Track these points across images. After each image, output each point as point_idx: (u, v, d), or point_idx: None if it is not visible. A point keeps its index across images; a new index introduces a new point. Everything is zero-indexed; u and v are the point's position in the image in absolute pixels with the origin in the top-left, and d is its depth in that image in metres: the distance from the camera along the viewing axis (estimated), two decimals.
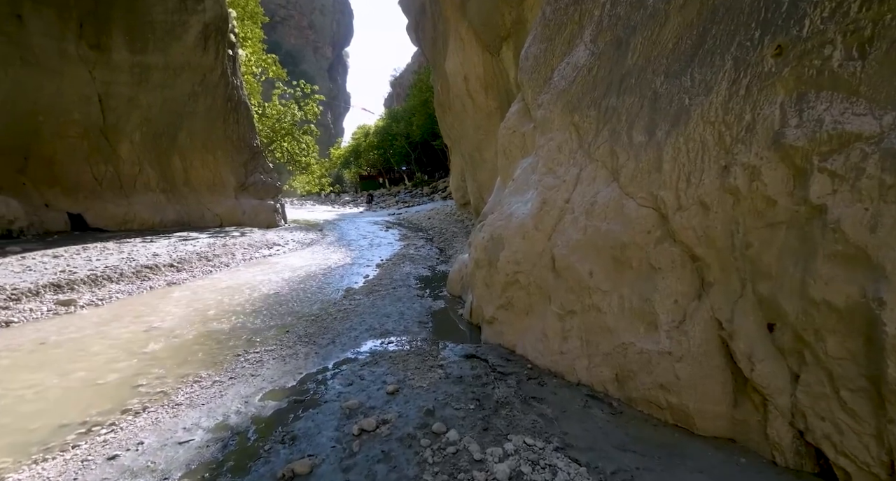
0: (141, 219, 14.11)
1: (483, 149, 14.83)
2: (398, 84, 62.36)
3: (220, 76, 16.76)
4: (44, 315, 5.68)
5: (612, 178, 3.27)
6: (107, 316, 5.77)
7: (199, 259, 9.44)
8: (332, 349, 4.37)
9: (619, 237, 3.05)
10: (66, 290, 6.49)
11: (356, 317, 5.49)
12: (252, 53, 22.81)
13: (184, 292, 7.14)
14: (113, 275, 7.32)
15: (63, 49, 12.39)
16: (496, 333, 4.44)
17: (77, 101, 12.88)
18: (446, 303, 6.23)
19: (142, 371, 3.96)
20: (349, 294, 6.87)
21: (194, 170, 16.48)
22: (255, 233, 14.44)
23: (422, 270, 8.86)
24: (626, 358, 2.95)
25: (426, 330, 5.01)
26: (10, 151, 11.64)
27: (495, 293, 4.58)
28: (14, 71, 11.37)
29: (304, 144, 25.25)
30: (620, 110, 3.26)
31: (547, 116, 4.35)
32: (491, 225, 5.17)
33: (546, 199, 4.04)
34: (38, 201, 12.05)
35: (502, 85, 12.94)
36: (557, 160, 4.09)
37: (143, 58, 14.19)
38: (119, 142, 14.10)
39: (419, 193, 36.20)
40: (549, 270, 3.78)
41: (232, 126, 17.82)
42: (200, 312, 5.94)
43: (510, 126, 6.05)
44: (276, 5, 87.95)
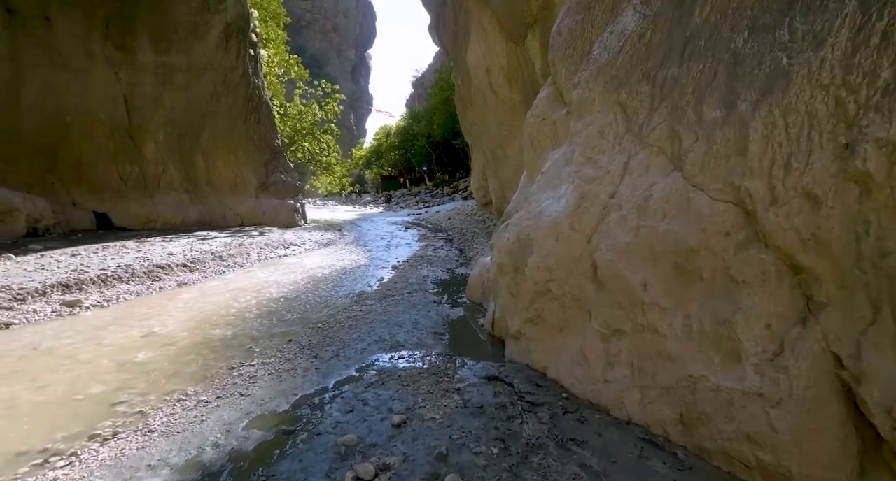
0: (164, 219, 14.07)
1: (506, 146, 14.21)
2: (420, 85, 62.27)
3: (241, 76, 16.67)
4: (47, 316, 5.40)
5: (673, 166, 2.63)
6: (109, 318, 5.44)
7: (214, 259, 9.15)
8: (336, 364, 3.86)
9: (683, 240, 2.42)
10: (74, 290, 6.23)
11: (366, 325, 4.98)
12: (275, 54, 22.80)
13: (192, 293, 6.80)
14: (124, 275, 7.05)
15: (89, 50, 12.43)
16: (523, 351, 3.84)
17: (103, 102, 12.92)
18: (465, 311, 5.66)
19: (126, 384, 3.54)
20: (361, 298, 6.38)
21: (216, 169, 16.42)
22: (273, 233, 14.21)
23: (440, 273, 8.31)
24: (694, 395, 2.31)
25: (442, 343, 4.45)
26: (40, 151, 11.72)
27: (522, 304, 3.98)
28: (42, 72, 11.43)
29: (324, 144, 25.10)
30: (684, 81, 2.62)
31: (585, 97, 3.72)
32: (517, 225, 4.57)
33: (585, 194, 3.42)
34: (65, 200, 12.10)
35: (527, 76, 12.31)
36: (599, 147, 3.46)
37: (166, 58, 14.17)
38: (144, 142, 14.10)
39: (440, 193, 35.75)
40: (590, 279, 3.16)
41: (253, 126, 17.73)
42: (204, 316, 5.55)
43: (539, 113, 5.43)
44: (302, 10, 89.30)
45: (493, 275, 5.06)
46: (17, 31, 10.72)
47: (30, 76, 11.10)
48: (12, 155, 10.88)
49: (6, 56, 10.56)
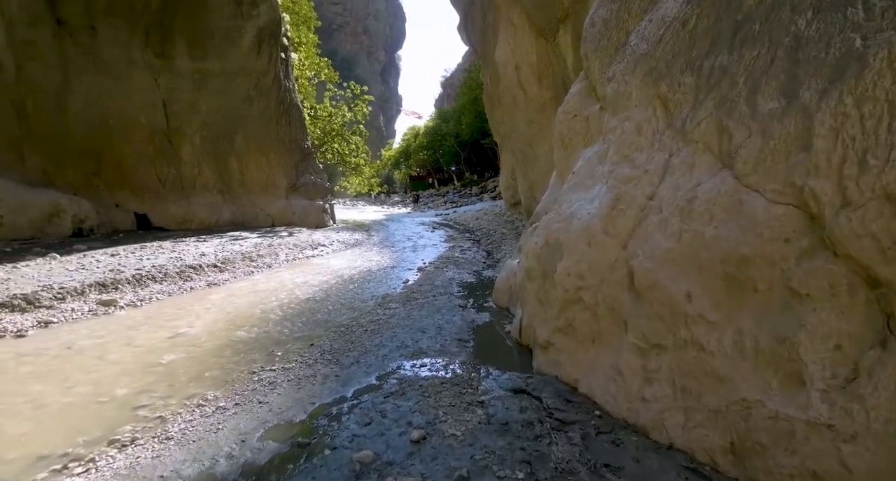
0: (199, 219, 14.49)
1: (535, 145, 13.91)
2: (448, 84, 62.24)
3: (272, 80, 17.00)
4: (83, 315, 5.55)
5: (721, 165, 2.37)
6: (140, 318, 5.55)
7: (243, 259, 9.30)
8: (356, 371, 3.75)
9: (734, 247, 2.16)
10: (111, 290, 6.41)
11: (388, 330, 4.86)
12: (305, 57, 23.18)
13: (220, 294, 6.89)
14: (157, 275, 7.22)
15: (131, 57, 12.94)
16: (552, 362, 3.62)
17: (143, 107, 13.42)
18: (491, 317, 5.46)
19: (150, 387, 3.54)
20: (385, 301, 6.28)
21: (249, 171, 16.81)
22: (302, 234, 14.39)
23: (466, 276, 8.14)
24: (748, 422, 2.05)
25: (466, 350, 4.28)
26: (86, 155, 12.28)
27: (551, 312, 3.76)
28: (88, 79, 11.97)
29: (353, 145, 25.35)
30: (735, 70, 2.35)
31: (621, 91, 3.47)
32: (546, 227, 4.34)
33: (620, 195, 3.18)
34: (108, 202, 12.63)
35: (558, 72, 11.98)
36: (636, 145, 3.21)
37: (202, 64, 14.60)
38: (181, 145, 14.57)
39: (468, 193, 35.55)
40: (625, 288, 2.93)
41: (284, 128, 18.06)
42: (230, 317, 5.59)
43: (570, 110, 5.18)
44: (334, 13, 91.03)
45: (520, 280, 4.85)
46: (65, 41, 11.27)
47: (77, 84, 11.65)
48: (61, 159, 11.44)
49: (56, 65, 11.11)
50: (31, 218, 9.29)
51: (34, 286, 5.70)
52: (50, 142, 11.08)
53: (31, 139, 10.61)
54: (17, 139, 10.28)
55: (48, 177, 10.81)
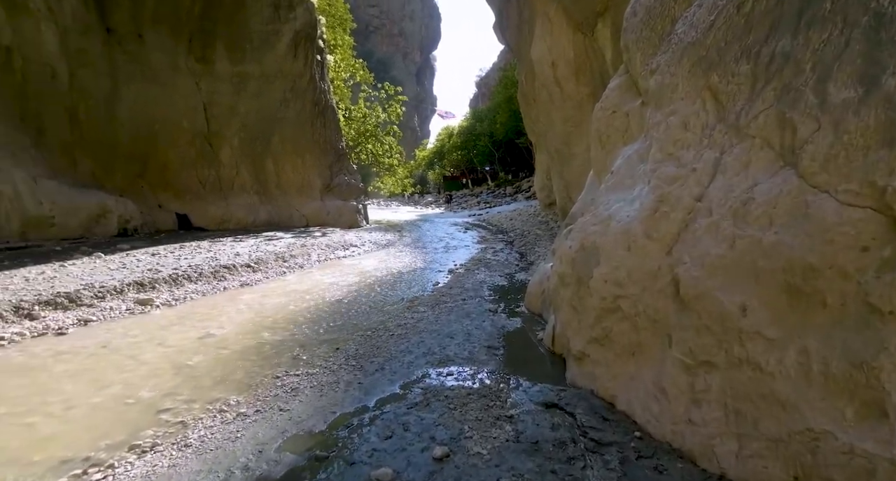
0: (237, 219, 14.93)
1: (572, 143, 13.50)
2: (484, 84, 61.91)
3: (308, 82, 17.32)
4: (121, 314, 5.74)
5: (783, 162, 2.09)
6: (174, 318, 5.67)
7: (276, 259, 9.44)
8: (379, 379, 3.64)
9: (799, 255, 1.89)
10: (148, 289, 6.62)
11: (415, 335, 4.74)
12: (341, 59, 23.53)
13: (252, 294, 6.98)
14: (192, 275, 7.41)
15: (175, 63, 13.47)
16: (587, 375, 3.39)
17: (186, 111, 13.95)
18: (523, 323, 5.25)
19: (175, 390, 3.56)
20: (413, 305, 6.17)
21: (284, 172, 17.19)
22: (335, 234, 14.56)
23: (497, 279, 7.93)
24: (815, 455, 1.78)
25: (496, 358, 4.09)
26: (133, 158, 12.89)
27: (586, 321, 3.52)
28: (136, 85, 12.55)
29: (387, 146, 25.53)
30: (800, 55, 2.07)
31: (665, 83, 3.20)
32: (581, 230, 4.10)
33: (664, 196, 2.92)
34: (152, 203, 13.21)
35: (596, 68, 11.55)
36: (682, 141, 2.94)
37: (241, 68, 15.03)
38: (220, 147, 15.07)
39: (502, 193, 35.15)
40: (669, 298, 2.67)
41: (319, 129, 18.36)
42: (260, 318, 5.63)
43: (608, 105, 4.91)
44: (370, 16, 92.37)
45: (553, 285, 4.62)
46: (114, 49, 11.85)
47: (125, 90, 12.23)
48: (110, 163, 12.05)
49: (106, 72, 11.70)
50: (81, 219, 9.81)
51: (77, 284, 5.95)
52: (99, 147, 11.68)
53: (82, 144, 11.22)
54: (70, 144, 10.89)
55: (97, 180, 11.40)
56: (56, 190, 9.33)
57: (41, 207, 8.89)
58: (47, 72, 10.13)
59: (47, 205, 9.01)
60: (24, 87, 9.76)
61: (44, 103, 10.24)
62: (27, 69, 9.77)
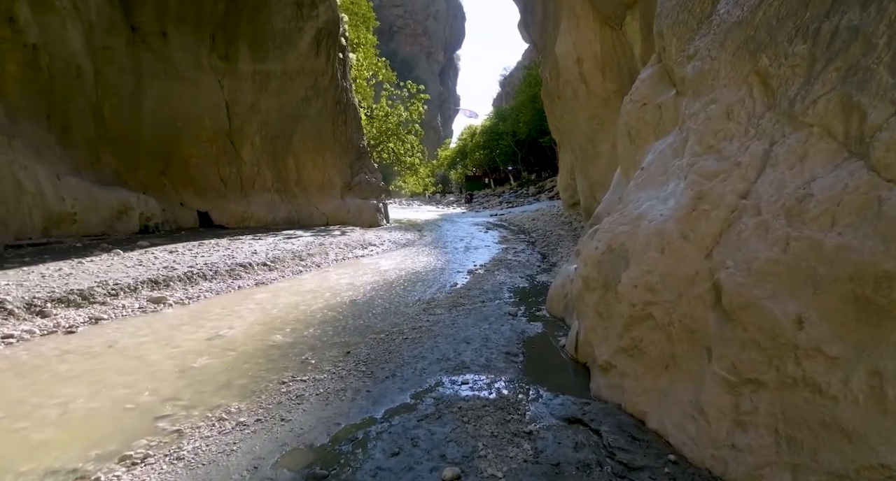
0: (257, 217, 14.99)
1: (597, 142, 13.04)
2: (507, 83, 61.33)
3: (330, 79, 17.28)
4: (133, 312, 5.67)
5: (848, 153, 1.75)
6: (185, 317, 5.56)
7: (293, 258, 9.33)
8: (390, 387, 3.39)
9: (870, 261, 1.55)
10: (162, 287, 6.55)
11: (430, 339, 4.47)
12: (364, 58, 23.48)
13: (266, 294, 6.85)
14: (208, 273, 7.34)
15: (198, 61, 13.58)
16: (614, 388, 3.06)
17: (208, 109, 14.06)
18: (544, 328, 4.93)
19: (177, 394, 3.39)
20: (430, 307, 5.91)
21: (306, 171, 17.21)
22: (354, 233, 14.45)
23: (518, 280, 7.61)
24: None
25: (514, 366, 3.79)
26: (156, 156, 13.04)
27: (614, 329, 3.20)
28: (159, 83, 12.69)
29: (408, 144, 25.38)
30: (870, 30, 1.71)
31: (705, 69, 2.86)
32: (608, 231, 3.76)
33: (703, 193, 2.59)
34: (174, 200, 13.35)
35: (624, 63, 11.08)
36: (724, 132, 2.60)
37: (263, 66, 15.08)
38: (242, 145, 15.15)
39: (524, 193, 34.62)
40: (709, 306, 2.34)
41: (340, 127, 18.32)
42: (271, 319, 5.46)
43: (639, 97, 4.55)
44: (394, 15, 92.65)
45: (577, 288, 4.28)
46: (138, 47, 12.00)
47: (148, 88, 12.38)
48: (133, 160, 12.22)
49: (130, 70, 11.86)
50: (103, 215, 9.93)
51: (91, 282, 5.91)
52: (123, 144, 11.85)
53: (106, 141, 11.39)
54: (95, 141, 11.06)
55: (120, 177, 11.56)
56: (78, 187, 9.46)
57: (63, 204, 9.01)
58: (73, 70, 10.30)
59: (69, 201, 9.13)
60: (51, 85, 9.94)
61: (69, 101, 10.42)
62: (53, 67, 9.94)
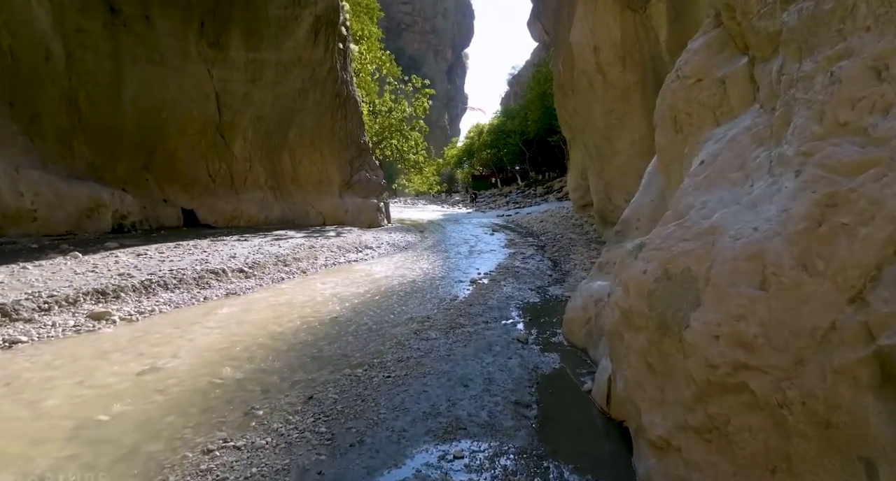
0: (248, 216, 14.05)
1: (614, 138, 11.98)
2: (515, 82, 60.36)
3: (329, 71, 16.30)
4: (64, 332, 4.68)
5: None
6: (125, 340, 4.59)
7: (276, 263, 8.36)
8: (351, 465, 2.37)
9: None
10: (110, 299, 5.59)
11: (417, 379, 3.47)
12: (367, 50, 22.49)
13: (234, 307, 5.87)
14: (171, 282, 6.38)
15: (185, 48, 12.63)
16: (675, 479, 2.04)
17: (196, 99, 13.12)
18: (562, 361, 3.93)
19: (46, 475, 2.41)
20: (424, 327, 4.92)
21: (302, 167, 16.25)
22: (351, 234, 13.47)
23: (527, 293, 6.60)
24: None
25: (527, 426, 2.79)
26: (137, 148, 12.06)
27: (676, 393, 2.18)
28: (141, 69, 11.74)
29: (412, 141, 24.31)
30: None
31: (825, 9, 1.82)
32: (663, 248, 2.71)
33: (836, 197, 1.60)
34: (157, 197, 12.42)
35: (647, 51, 10.01)
36: (872, 100, 1.58)
37: (257, 54, 14.11)
38: (233, 139, 14.20)
39: (532, 193, 33.55)
40: (866, 387, 1.32)
41: (340, 122, 17.35)
42: (229, 344, 4.48)
43: (691, 72, 3.52)
44: (403, 13, 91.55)
45: (612, 321, 3.24)
46: (118, 30, 11.06)
47: (130, 75, 11.43)
48: (111, 152, 11.28)
49: (109, 55, 10.91)
50: (69, 213, 8.98)
51: (21, 293, 4.96)
52: (100, 135, 10.91)
53: (81, 131, 10.46)
54: (67, 131, 10.13)
55: (96, 171, 10.63)
56: (41, 181, 8.53)
57: (22, 200, 8.08)
58: (40, 52, 9.37)
59: (29, 197, 8.19)
60: (15, 69, 9.02)
61: (38, 87, 9.49)
62: (17, 48, 9.00)
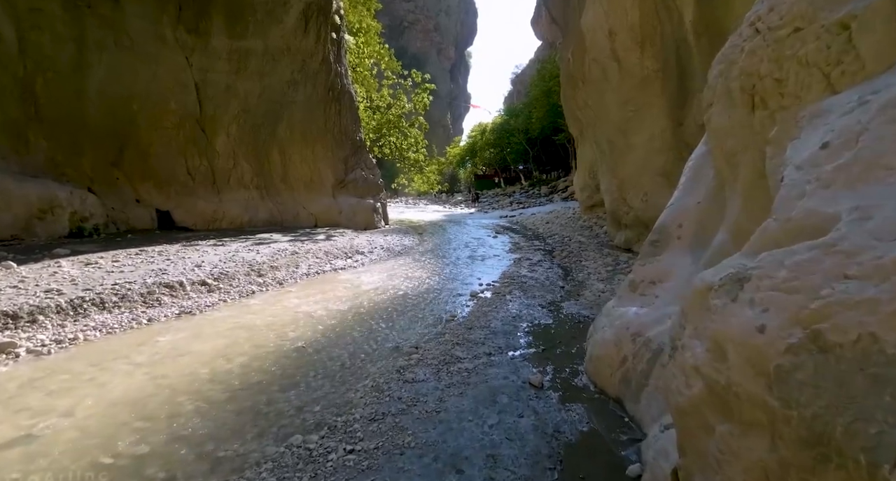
0: (230, 218, 12.97)
1: (630, 133, 10.82)
2: (518, 81, 59.46)
3: (321, 62, 15.20)
4: None
5: None
6: (12, 387, 3.50)
7: (248, 273, 7.26)
8: None
9: None
10: (24, 324, 4.51)
11: (390, 460, 2.33)
12: (365, 44, 21.38)
13: (179, 334, 4.77)
14: (110, 300, 5.30)
15: (160, 33, 11.54)
16: None
17: (173, 89, 12.03)
18: (590, 419, 2.82)
19: None
20: (410, 363, 3.81)
21: (292, 165, 15.16)
22: (343, 237, 12.37)
23: (537, 311, 5.50)
24: None
25: None
26: (105, 142, 10.94)
27: None
28: (108, 56, 10.64)
29: (412, 139, 23.13)
30: None
31: None
32: (798, 290, 1.53)
33: None
34: (129, 197, 11.34)
35: (669, 35, 8.89)
36: None
37: (241, 43, 13.03)
38: (216, 134, 13.12)
39: (536, 193, 32.41)
40: None
41: (333, 117, 16.24)
42: (149, 392, 3.38)
43: (785, 19, 2.42)
44: (405, 11, 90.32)
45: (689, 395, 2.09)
46: (82, 12, 9.98)
47: (95, 60, 10.35)
48: (76, 146, 10.21)
49: (70, 39, 9.83)
50: (17, 215, 7.91)
51: None
52: (61, 127, 9.84)
53: (38, 123, 9.39)
54: (21, 122, 9.07)
55: (58, 167, 9.57)
56: None
57: None
58: None
59: None
60: None
61: None
62: None
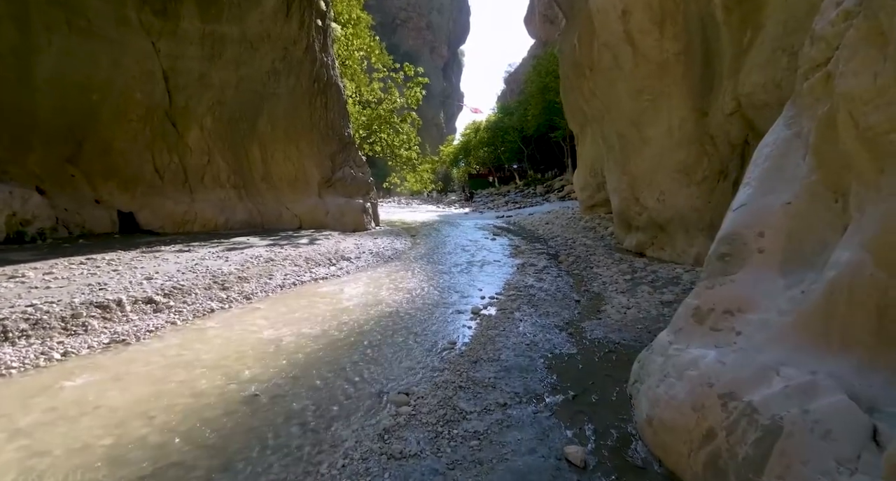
0: (203, 220, 11.80)
1: (644, 125, 9.80)
2: (512, 80, 58.92)
3: (305, 51, 14.06)
4: None
5: None
6: None
7: (209, 287, 6.14)
8: None
9: None
10: None
11: None
12: (354, 35, 20.25)
13: (95, 376, 3.65)
14: (15, 328, 4.17)
15: (122, 15, 10.34)
16: None
17: (138, 78, 10.84)
18: None
19: None
20: (397, 424, 2.73)
21: (275, 162, 14.01)
22: (328, 241, 11.25)
23: (554, 335, 4.45)
24: None
25: None
26: (58, 137, 9.72)
27: None
28: (60, 39, 9.44)
29: (404, 136, 22.01)
30: None
31: None
32: None
33: None
34: (87, 197, 10.14)
35: (693, 12, 7.91)
36: None
37: (215, 27, 11.86)
38: (187, 128, 11.95)
39: (531, 193, 31.46)
40: None
41: (319, 111, 15.09)
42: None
43: None
44: (398, 8, 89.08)
45: None
46: None
47: (44, 44, 9.17)
48: (23, 139, 9.03)
49: (9, 15, 8.60)
50: None
51: None
52: (4, 120, 8.66)
53: None
54: None
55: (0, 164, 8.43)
56: None
57: None
58: None
59: None
60: None
61: None
62: None
